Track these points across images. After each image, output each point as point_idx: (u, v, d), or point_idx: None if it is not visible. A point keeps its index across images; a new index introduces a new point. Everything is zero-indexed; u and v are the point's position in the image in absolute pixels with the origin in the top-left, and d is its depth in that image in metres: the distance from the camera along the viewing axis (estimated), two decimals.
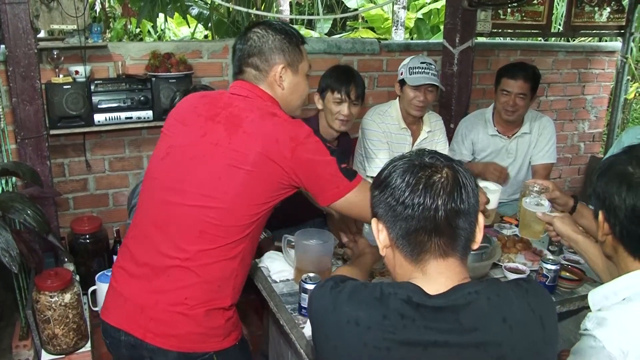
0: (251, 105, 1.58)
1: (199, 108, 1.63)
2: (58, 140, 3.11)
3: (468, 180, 1.09)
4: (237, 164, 1.50)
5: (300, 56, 1.70)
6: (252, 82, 1.66)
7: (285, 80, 1.66)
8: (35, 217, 2.18)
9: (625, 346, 1.15)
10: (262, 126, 1.52)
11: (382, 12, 7.94)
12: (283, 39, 1.65)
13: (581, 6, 4.27)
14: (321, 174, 1.54)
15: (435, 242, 1.08)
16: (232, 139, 1.52)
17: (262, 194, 1.53)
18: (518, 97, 2.84)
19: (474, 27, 3.56)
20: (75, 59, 2.99)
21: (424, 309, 1.04)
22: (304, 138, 1.52)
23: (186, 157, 1.57)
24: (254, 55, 1.64)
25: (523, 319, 1.05)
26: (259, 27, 1.68)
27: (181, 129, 1.63)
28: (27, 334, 2.50)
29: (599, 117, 4.93)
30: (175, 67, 3.10)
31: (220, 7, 5.35)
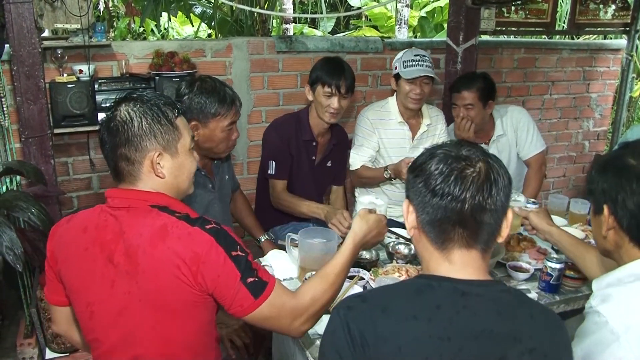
0: (138, 223, 1.37)
1: (89, 250, 1.40)
2: (62, 139, 3.11)
3: (501, 177, 1.10)
4: (158, 307, 1.36)
5: (177, 134, 1.44)
6: (129, 182, 1.43)
7: (164, 168, 1.42)
8: (39, 215, 2.19)
9: (628, 321, 1.19)
10: (157, 256, 1.32)
11: (386, 11, 7.93)
12: (153, 118, 1.41)
13: (586, 3, 4.25)
14: (226, 292, 1.35)
15: (459, 233, 1.11)
16: (140, 283, 1.35)
17: (196, 318, 1.41)
18: (466, 108, 2.88)
19: (478, 25, 3.56)
20: (79, 58, 2.99)
21: (470, 297, 1.08)
22: (204, 256, 1.32)
23: (111, 315, 1.40)
24: (121, 146, 1.40)
25: (545, 318, 1.13)
26: (122, 107, 1.42)
27: (87, 280, 1.41)
28: (32, 332, 2.51)
29: (603, 115, 4.91)
30: (179, 66, 3.10)
31: (223, 6, 5.35)
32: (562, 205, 2.67)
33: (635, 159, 1.27)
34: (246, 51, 3.44)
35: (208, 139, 2.18)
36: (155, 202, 1.40)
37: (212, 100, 2.14)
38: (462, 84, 2.91)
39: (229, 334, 2.05)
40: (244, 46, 3.44)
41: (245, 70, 3.47)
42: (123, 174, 1.43)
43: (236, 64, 3.44)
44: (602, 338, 1.21)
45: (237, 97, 2.23)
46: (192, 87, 2.17)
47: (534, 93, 4.50)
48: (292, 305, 1.41)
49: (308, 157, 2.72)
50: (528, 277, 2.06)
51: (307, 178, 2.67)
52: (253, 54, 3.47)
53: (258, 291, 1.36)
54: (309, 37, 4.00)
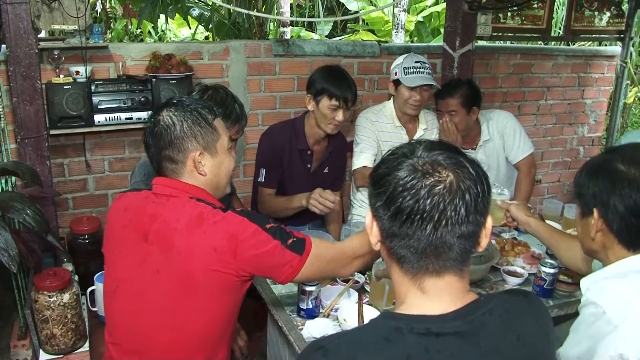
0: (176, 209, 1.47)
1: (127, 227, 1.52)
2: (58, 140, 3.11)
3: (474, 185, 0.96)
4: (186, 289, 1.43)
5: (216, 135, 1.57)
6: (171, 177, 1.55)
7: (205, 166, 1.55)
8: (34, 216, 2.18)
9: (625, 311, 1.22)
10: (193, 239, 1.42)
11: (383, 15, 7.95)
12: (193, 121, 1.53)
13: (581, 10, 4.28)
14: (270, 261, 1.45)
15: (428, 260, 0.98)
16: (171, 262, 1.43)
17: (222, 304, 1.49)
18: (449, 114, 2.90)
19: (474, 31, 3.57)
20: (76, 59, 2.99)
21: (445, 337, 0.95)
22: (241, 236, 1.42)
23: (134, 292, 1.50)
24: (165, 148, 1.53)
25: (534, 335, 1.04)
26: (164, 112, 1.55)
27: (121, 257, 1.54)
28: (26, 334, 2.50)
29: (598, 121, 4.93)
30: (176, 68, 3.10)
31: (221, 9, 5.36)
32: (556, 210, 2.69)
33: (624, 164, 1.31)
34: (243, 54, 3.45)
35: None
36: (195, 195, 1.51)
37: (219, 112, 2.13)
38: (445, 91, 2.93)
39: None
40: (241, 49, 3.45)
41: (242, 73, 3.47)
42: (167, 174, 1.56)
43: (233, 67, 3.44)
44: (599, 328, 1.23)
45: (244, 116, 2.22)
46: (203, 95, 2.16)
47: (529, 98, 4.52)
48: (335, 251, 1.56)
49: (303, 166, 2.70)
50: (522, 281, 2.07)
51: (302, 185, 2.65)
52: (250, 57, 3.48)
53: (300, 248, 1.47)
54: (306, 41, 4.01)
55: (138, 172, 2.20)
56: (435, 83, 2.75)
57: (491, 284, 2.08)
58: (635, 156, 1.33)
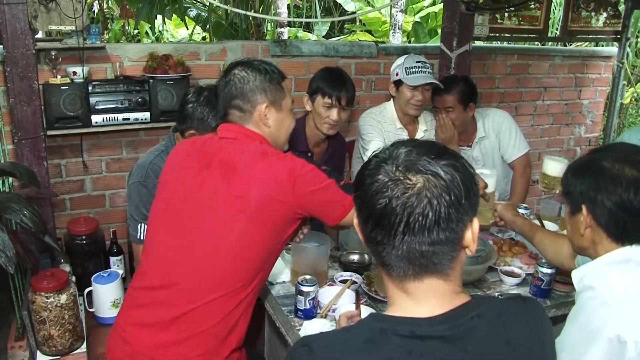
0: (241, 147, 1.61)
1: (191, 156, 1.67)
2: (55, 141, 3.10)
3: (448, 187, 0.94)
4: (240, 209, 1.52)
5: (282, 93, 1.74)
6: (237, 123, 1.69)
7: (270, 119, 1.69)
8: (31, 217, 2.18)
9: (622, 293, 1.26)
10: (257, 168, 1.55)
11: (380, 15, 7.95)
12: (264, 78, 1.69)
13: (578, 11, 4.29)
14: (324, 199, 1.59)
15: (405, 265, 0.97)
16: (230, 184, 1.54)
17: (270, 233, 1.56)
18: (446, 111, 2.89)
19: (472, 31, 3.58)
20: (73, 59, 2.99)
21: (430, 340, 0.94)
22: (300, 171, 1.55)
23: (187, 209, 1.59)
24: (236, 98, 1.68)
25: (525, 340, 1.01)
26: (238, 69, 1.71)
27: (178, 179, 1.66)
28: (23, 335, 2.50)
29: (595, 121, 4.95)
30: (173, 68, 3.10)
31: (218, 9, 5.35)
32: (553, 210, 2.69)
33: (608, 161, 1.36)
34: (240, 55, 3.45)
35: None
36: (257, 140, 1.66)
37: (215, 114, 2.13)
38: (443, 88, 2.91)
39: None
40: (238, 50, 3.45)
41: None
42: (234, 119, 1.70)
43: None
44: (597, 311, 1.27)
45: None
46: (199, 97, 2.16)
47: (526, 99, 4.53)
48: None
49: None
50: (519, 282, 2.07)
51: None
52: (247, 57, 3.47)
53: (350, 190, 1.53)
54: (304, 42, 4.02)
55: (136, 173, 2.20)
56: (438, 82, 2.75)
57: (488, 285, 2.08)
58: (619, 154, 1.38)
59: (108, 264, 3.02)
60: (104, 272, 2.73)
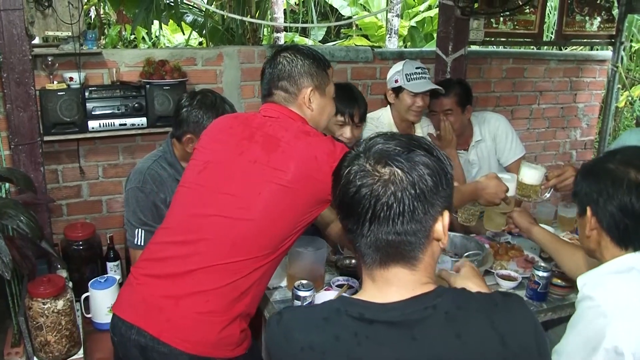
0: (284, 125, 1.65)
1: (234, 128, 1.70)
2: (52, 146, 3.10)
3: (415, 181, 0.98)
4: (276, 181, 1.55)
5: (327, 79, 1.78)
6: (281, 104, 1.72)
7: (313, 102, 1.73)
8: (28, 223, 2.18)
9: (620, 303, 1.25)
10: (299, 145, 1.59)
11: (376, 20, 7.98)
12: (311, 63, 1.73)
13: (572, 15, 4.31)
14: None
15: (372, 253, 1.03)
16: (271, 157, 1.58)
17: (300, 209, 1.59)
18: (445, 114, 2.87)
19: (467, 36, 3.59)
20: (70, 65, 2.99)
21: (377, 324, 0.99)
22: (340, 153, 1.55)
23: (224, 172, 1.62)
24: (283, 79, 1.71)
25: (479, 335, 0.98)
26: (287, 52, 1.75)
27: (217, 146, 1.69)
28: (19, 341, 2.49)
29: (590, 125, 4.97)
30: (170, 74, 3.11)
31: (214, 15, 5.37)
32: (549, 214, 2.70)
33: (614, 164, 1.36)
34: (237, 60, 3.46)
35: None
36: (300, 121, 1.70)
37: (210, 116, 2.14)
38: (442, 92, 2.90)
39: None
40: (234, 55, 3.46)
41: (236, 79, 3.48)
42: (278, 100, 1.73)
43: (227, 73, 3.45)
44: (595, 321, 1.26)
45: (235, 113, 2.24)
46: (192, 100, 2.18)
47: (522, 103, 4.55)
48: None
49: None
50: (516, 285, 2.08)
51: None
52: (244, 62, 3.48)
53: None
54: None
55: (133, 179, 2.20)
56: (439, 87, 2.76)
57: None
58: (627, 156, 1.37)
59: (105, 270, 3.02)
60: (101, 278, 2.73)
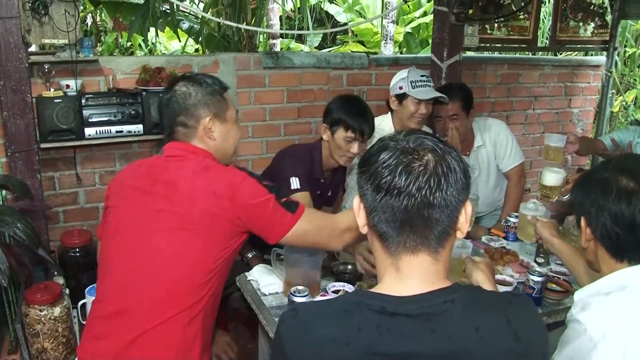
0: (185, 164, 1.62)
1: (138, 180, 1.67)
2: (48, 153, 3.11)
3: (452, 170, 1.02)
4: (183, 226, 1.53)
5: (226, 104, 1.76)
6: (183, 140, 1.70)
7: (215, 132, 1.71)
8: (25, 230, 2.18)
9: (605, 328, 1.22)
10: (197, 183, 1.56)
11: (372, 27, 8.02)
12: (205, 91, 1.71)
13: (566, 21, 4.34)
14: (263, 214, 1.56)
15: (405, 234, 1.04)
16: (173, 202, 1.55)
17: (213, 249, 1.57)
18: (451, 119, 2.86)
19: (462, 42, 3.61)
20: (66, 73, 3.00)
21: (398, 317, 1.02)
22: (239, 184, 1.56)
23: (134, 232, 1.59)
24: (179, 114, 1.69)
25: (496, 329, 1.03)
26: (179, 85, 1.72)
27: (124, 203, 1.66)
28: (16, 348, 2.49)
29: (585, 129, 4.99)
30: (166, 81, 3.12)
31: (210, 22, 5.38)
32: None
33: (608, 172, 1.33)
34: (233, 67, 3.47)
35: None
36: (202, 155, 1.67)
37: None
38: (446, 95, 2.87)
39: (216, 349, 2.05)
40: (230, 62, 3.47)
41: (232, 86, 3.48)
42: (179, 137, 1.70)
43: (223, 80, 3.44)
44: (581, 345, 1.25)
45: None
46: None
47: (517, 108, 4.57)
48: (328, 219, 1.62)
49: (313, 192, 2.56)
50: (511, 290, 2.08)
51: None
52: (240, 69, 3.50)
53: (294, 208, 1.58)
54: (295, 53, 4.04)
55: None
56: (444, 95, 2.76)
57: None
58: (622, 164, 1.34)
59: None
60: None
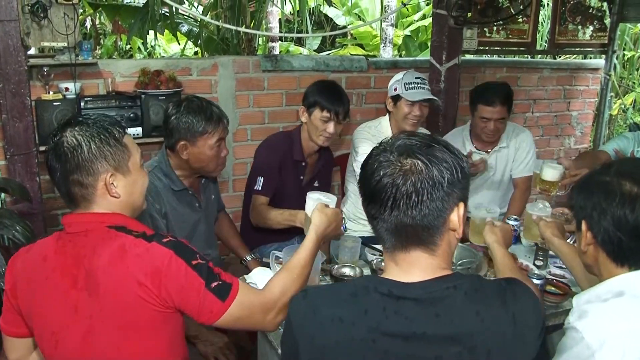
0: (96, 244, 1.37)
1: (50, 278, 1.40)
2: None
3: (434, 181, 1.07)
4: (121, 329, 1.36)
5: (127, 153, 1.44)
6: (84, 207, 1.43)
7: (118, 187, 1.42)
8: (24, 233, 2.18)
9: (602, 336, 1.21)
10: (115, 275, 1.33)
11: (371, 30, 8.03)
12: (101, 140, 1.40)
13: (565, 24, 4.35)
14: (192, 300, 1.36)
15: (397, 239, 1.13)
16: (101, 303, 1.34)
17: (159, 338, 1.41)
18: (497, 122, 2.86)
19: (461, 45, 3.62)
20: (66, 75, 3.00)
21: (404, 300, 1.09)
22: (165, 269, 1.33)
23: (75, 342, 1.38)
24: (72, 173, 1.39)
25: (495, 313, 1.09)
26: (67, 133, 1.40)
27: (49, 309, 1.40)
28: None
29: (584, 132, 5.00)
30: (165, 84, 3.12)
31: (209, 25, 5.39)
32: None
33: (610, 176, 1.31)
34: (232, 70, 3.48)
35: (197, 158, 2.20)
36: (112, 223, 1.40)
37: (199, 118, 2.16)
38: (496, 97, 2.83)
39: (214, 351, 2.05)
40: (229, 65, 3.48)
41: (230, 89, 3.50)
42: (77, 199, 1.42)
43: (222, 83, 3.47)
44: (578, 353, 1.23)
45: (224, 115, 2.26)
46: (179, 108, 2.19)
47: (516, 111, 4.56)
48: (261, 301, 1.45)
49: (296, 177, 2.73)
50: None
51: (293, 197, 2.66)
52: (239, 72, 3.50)
53: (224, 293, 1.38)
54: (294, 56, 4.06)
55: None
56: (435, 98, 2.76)
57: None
58: (624, 168, 1.32)
59: None
60: None
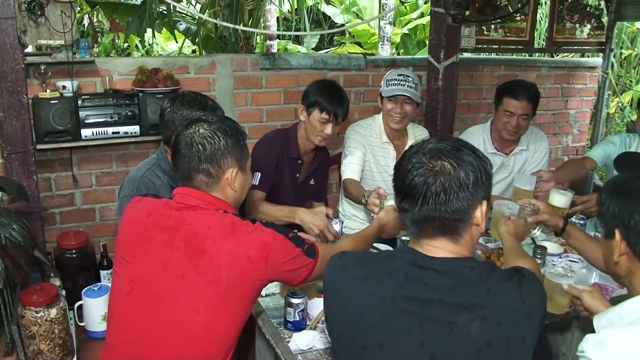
0: (205, 219, 1.51)
1: (149, 230, 1.53)
2: (45, 154, 3.10)
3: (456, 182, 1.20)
4: (210, 294, 1.45)
5: (247, 154, 1.67)
6: (201, 189, 1.58)
7: (236, 182, 1.61)
8: (21, 231, 2.18)
9: None
10: (227, 246, 1.46)
11: (369, 28, 8.02)
12: (233, 141, 1.60)
13: (563, 23, 4.35)
14: (292, 267, 1.57)
15: (421, 230, 1.26)
16: (199, 267, 1.45)
17: (242, 308, 1.53)
18: (521, 117, 2.84)
19: (459, 43, 3.62)
20: (63, 74, 3.00)
21: (426, 270, 1.22)
22: (272, 245, 1.50)
23: (153, 294, 1.49)
24: (205, 161, 1.56)
25: (505, 291, 1.20)
26: (203, 127, 1.59)
27: (138, 257, 1.53)
28: (12, 350, 2.49)
29: (582, 131, 5.01)
30: (163, 82, 3.12)
31: (207, 23, 5.38)
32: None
33: None
34: (230, 68, 3.47)
35: None
36: (221, 207, 1.56)
37: (193, 109, 2.15)
38: (524, 92, 2.82)
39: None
40: (227, 63, 3.47)
41: (228, 87, 3.49)
42: (199, 183, 1.58)
43: (220, 81, 3.46)
44: None
45: (218, 107, 2.25)
46: (173, 102, 2.20)
47: None
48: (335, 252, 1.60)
49: (292, 175, 2.74)
50: None
51: (288, 195, 2.67)
52: (237, 70, 3.50)
53: (313, 253, 1.62)
54: (292, 55, 4.05)
55: (127, 187, 2.20)
56: (412, 95, 2.70)
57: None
58: None
59: (98, 278, 3.02)
60: (95, 286, 2.73)
